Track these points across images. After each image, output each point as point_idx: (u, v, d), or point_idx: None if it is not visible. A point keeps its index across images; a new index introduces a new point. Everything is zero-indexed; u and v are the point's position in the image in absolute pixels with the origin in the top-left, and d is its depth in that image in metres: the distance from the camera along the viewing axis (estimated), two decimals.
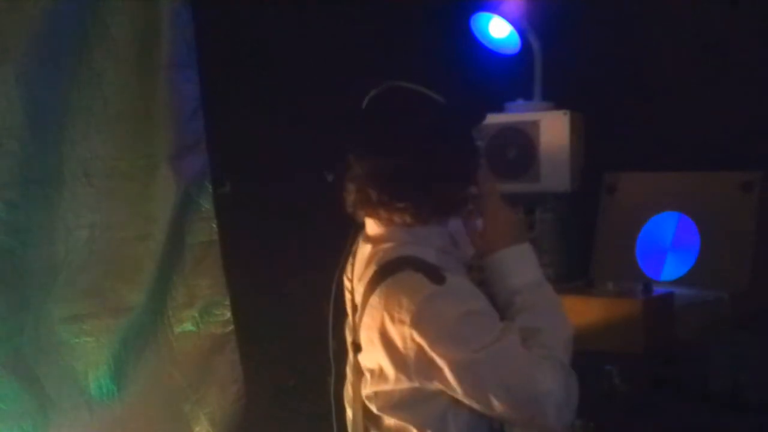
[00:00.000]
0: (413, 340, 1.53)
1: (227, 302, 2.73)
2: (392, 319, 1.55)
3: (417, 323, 1.52)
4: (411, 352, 1.54)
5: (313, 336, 1.86)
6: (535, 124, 2.38)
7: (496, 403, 1.52)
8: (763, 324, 2.07)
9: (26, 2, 2.29)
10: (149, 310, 2.60)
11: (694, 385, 2.04)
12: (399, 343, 1.55)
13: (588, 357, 1.86)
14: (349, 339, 1.75)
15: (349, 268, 1.77)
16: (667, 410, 2.01)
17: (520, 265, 1.64)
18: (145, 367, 2.60)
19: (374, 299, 1.58)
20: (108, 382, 2.52)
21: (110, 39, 2.44)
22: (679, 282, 2.19)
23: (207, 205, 2.68)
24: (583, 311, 1.95)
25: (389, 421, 1.63)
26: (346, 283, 1.78)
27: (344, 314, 1.85)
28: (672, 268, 2.25)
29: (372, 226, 1.69)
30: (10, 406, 2.33)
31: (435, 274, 1.55)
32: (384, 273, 1.59)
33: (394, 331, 1.55)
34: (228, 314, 2.74)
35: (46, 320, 2.42)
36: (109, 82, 2.45)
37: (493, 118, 2.34)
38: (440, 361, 1.52)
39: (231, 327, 2.75)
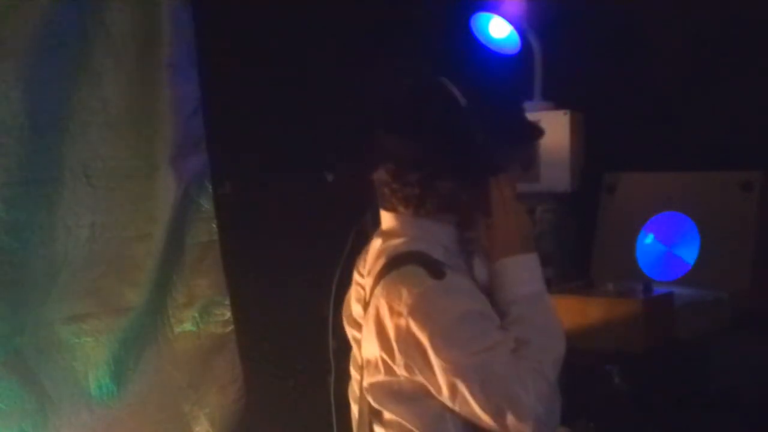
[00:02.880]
0: (408, 331, 1.53)
1: (227, 302, 2.73)
2: (390, 310, 1.56)
3: (413, 315, 1.53)
4: (402, 343, 1.55)
5: (313, 336, 1.86)
6: None
7: (476, 410, 1.53)
8: (763, 324, 2.07)
9: (26, 2, 2.29)
10: (149, 310, 2.60)
11: (694, 385, 2.04)
12: (392, 333, 1.56)
13: (588, 357, 1.86)
14: (358, 336, 1.75)
15: (361, 263, 1.78)
16: (667, 410, 2.01)
17: (522, 276, 1.62)
18: (145, 367, 2.60)
19: (378, 290, 1.60)
20: (108, 382, 2.52)
21: (110, 39, 2.44)
22: (679, 282, 2.19)
23: (207, 205, 2.69)
24: (583, 311, 1.96)
25: (389, 416, 1.64)
26: (359, 279, 1.78)
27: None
28: (672, 268, 2.25)
29: (387, 219, 1.70)
30: (10, 406, 2.33)
31: (436, 270, 1.55)
32: (390, 266, 1.60)
33: (389, 322, 1.56)
34: (228, 314, 2.74)
35: (46, 320, 2.42)
36: (109, 82, 2.45)
37: None
38: (432, 358, 1.52)
39: (231, 327, 2.75)
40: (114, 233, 2.51)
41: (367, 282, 1.67)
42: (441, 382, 1.53)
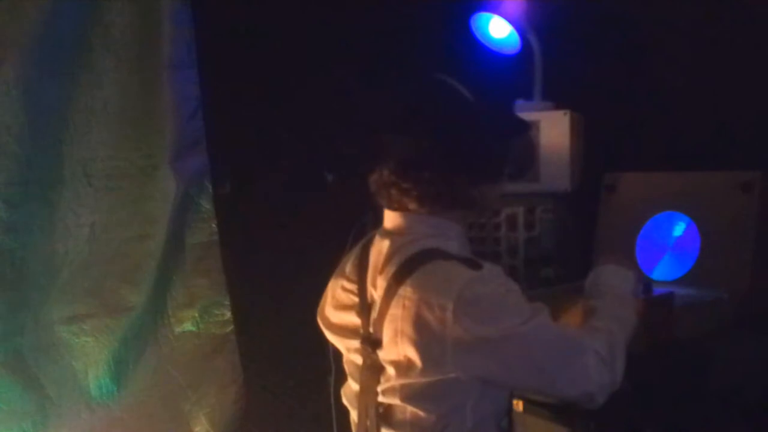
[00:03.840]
0: (456, 324, 1.53)
1: (227, 302, 2.74)
2: (430, 306, 1.55)
3: (462, 307, 1.53)
4: (450, 339, 1.54)
5: (313, 335, 1.86)
6: (535, 124, 2.37)
7: (539, 374, 1.57)
8: (763, 324, 2.07)
9: (26, 2, 2.29)
10: (149, 310, 2.60)
11: (694, 385, 2.04)
12: (437, 329, 1.54)
13: None
14: (353, 344, 1.73)
15: (349, 267, 1.76)
16: (668, 410, 2.01)
17: (617, 280, 1.81)
18: (145, 367, 2.60)
19: (405, 290, 1.58)
20: (108, 382, 2.53)
21: (110, 39, 2.45)
22: (679, 282, 2.19)
23: (207, 205, 2.69)
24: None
25: (404, 414, 1.64)
26: (345, 284, 1.76)
27: None
28: (672, 268, 2.24)
29: (391, 219, 1.70)
30: (10, 406, 2.34)
31: (470, 262, 1.58)
32: (412, 265, 1.59)
33: (431, 319, 1.55)
34: (228, 314, 2.75)
35: (46, 320, 2.43)
36: (109, 82, 2.46)
37: None
38: (489, 340, 1.54)
39: (231, 327, 2.75)
40: (114, 233, 2.51)
41: (378, 283, 1.65)
42: (504, 358, 1.55)
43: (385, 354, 1.63)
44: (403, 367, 1.61)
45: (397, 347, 1.60)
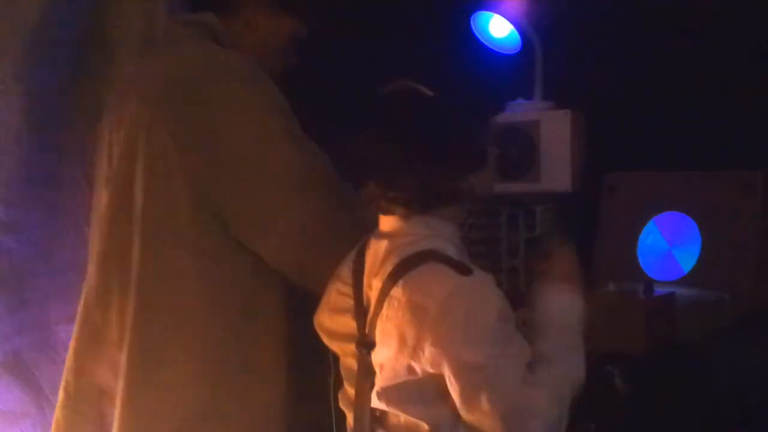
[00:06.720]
0: (435, 329, 1.53)
1: None
2: (415, 309, 1.55)
3: (443, 313, 1.53)
4: (427, 341, 1.54)
5: (313, 336, 1.85)
6: (535, 124, 2.37)
7: (485, 409, 1.53)
8: (765, 324, 2.06)
9: (25, 2, 2.29)
10: None
11: (694, 385, 2.04)
12: (416, 332, 1.55)
13: (588, 357, 1.85)
14: (349, 348, 1.72)
15: (345, 271, 1.76)
16: (668, 411, 2.01)
17: (564, 306, 1.70)
18: None
19: (396, 291, 1.59)
20: None
21: (109, 39, 2.44)
22: (680, 282, 2.19)
23: None
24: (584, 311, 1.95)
25: (399, 419, 1.63)
26: (341, 287, 1.75)
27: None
28: (673, 269, 2.24)
29: (387, 222, 1.70)
30: (8, 407, 2.33)
31: (461, 267, 1.57)
32: (406, 265, 1.60)
33: (414, 321, 1.55)
34: None
35: (45, 321, 2.42)
36: (108, 82, 2.45)
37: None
38: (456, 355, 1.53)
39: None
40: None
41: (374, 285, 1.65)
42: (458, 378, 1.53)
43: (376, 355, 1.63)
44: (388, 368, 1.61)
45: (384, 349, 1.61)
